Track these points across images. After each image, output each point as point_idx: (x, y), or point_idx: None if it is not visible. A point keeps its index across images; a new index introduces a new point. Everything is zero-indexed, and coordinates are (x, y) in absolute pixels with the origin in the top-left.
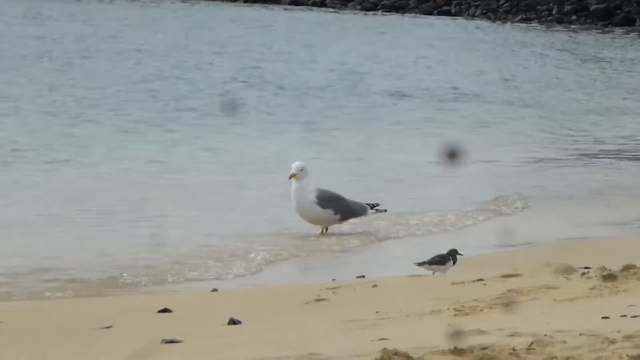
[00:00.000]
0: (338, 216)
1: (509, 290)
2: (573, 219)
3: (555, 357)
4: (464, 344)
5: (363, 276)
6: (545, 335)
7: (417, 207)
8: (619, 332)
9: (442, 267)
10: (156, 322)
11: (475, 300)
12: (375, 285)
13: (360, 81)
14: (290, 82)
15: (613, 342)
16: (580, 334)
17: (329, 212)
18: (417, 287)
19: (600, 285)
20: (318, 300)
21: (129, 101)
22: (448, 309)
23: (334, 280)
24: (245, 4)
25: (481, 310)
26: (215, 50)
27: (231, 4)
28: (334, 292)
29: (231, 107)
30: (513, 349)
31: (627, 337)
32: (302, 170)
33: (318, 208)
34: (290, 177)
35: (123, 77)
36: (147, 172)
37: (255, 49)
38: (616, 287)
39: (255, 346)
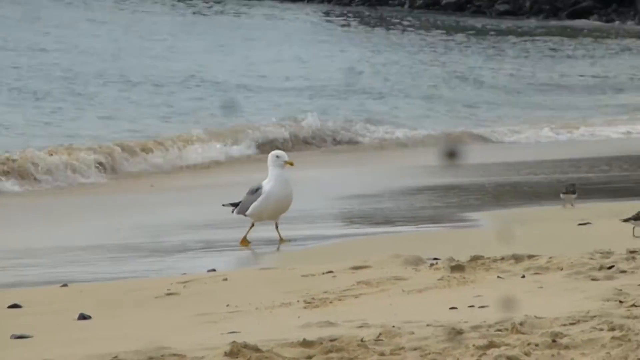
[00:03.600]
0: None
1: (359, 282)
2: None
3: (403, 348)
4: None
5: (214, 270)
6: (394, 326)
7: None
8: (466, 322)
9: None
10: (5, 317)
11: (325, 292)
12: (225, 279)
13: None
14: None
15: (460, 332)
16: (427, 325)
17: None
18: (267, 280)
19: (449, 276)
20: (169, 294)
21: None
22: (298, 301)
23: (184, 274)
24: None
25: (331, 302)
26: None
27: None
28: (184, 286)
29: (231, 107)
30: (361, 340)
31: (474, 328)
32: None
33: None
34: (289, 164)
35: None
36: None
37: None
38: (464, 277)
39: (105, 341)
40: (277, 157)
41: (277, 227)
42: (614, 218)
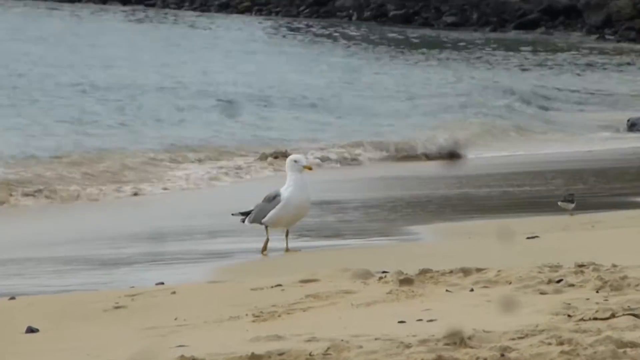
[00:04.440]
0: None
1: (308, 296)
2: None
3: None
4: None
5: (162, 283)
6: (342, 340)
7: None
8: (414, 336)
9: None
10: None
11: (274, 305)
12: (174, 292)
13: None
14: None
15: (408, 346)
16: (376, 339)
17: None
18: (216, 293)
19: (397, 290)
20: (117, 307)
21: None
22: (247, 315)
23: (132, 287)
24: None
25: (279, 316)
26: None
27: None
28: (132, 299)
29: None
30: (310, 354)
31: (423, 342)
32: None
33: None
34: (308, 169)
35: None
36: None
37: None
38: (412, 291)
39: (53, 354)
40: (296, 161)
41: (287, 235)
42: (563, 232)
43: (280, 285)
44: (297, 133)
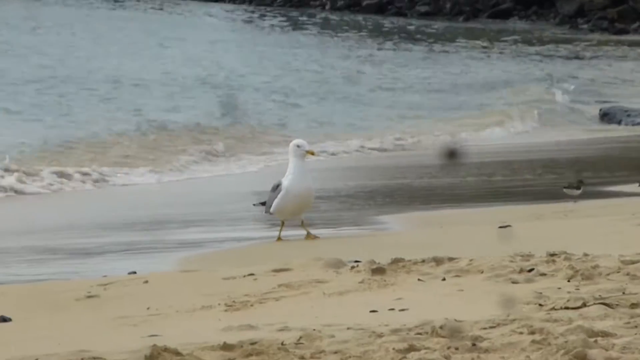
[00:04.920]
0: None
1: (280, 285)
2: None
3: (323, 351)
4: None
5: (135, 272)
6: (314, 329)
7: None
8: (386, 325)
9: None
10: None
11: (247, 295)
12: (146, 281)
13: None
14: None
15: (380, 335)
16: (348, 328)
17: None
18: (188, 282)
19: (369, 279)
20: (89, 297)
21: None
22: (219, 304)
23: (105, 276)
24: None
25: (252, 305)
26: None
27: None
28: (105, 289)
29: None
30: (282, 344)
31: (394, 331)
32: None
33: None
34: (311, 154)
35: None
36: None
37: None
38: (385, 280)
39: (26, 344)
40: (298, 146)
41: (302, 223)
42: (535, 221)
43: (252, 274)
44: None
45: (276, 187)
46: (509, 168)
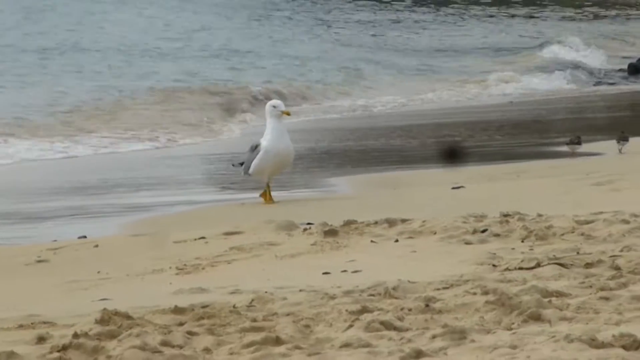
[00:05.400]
0: None
1: (231, 248)
2: None
3: (276, 313)
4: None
5: (85, 236)
6: (266, 292)
7: None
8: (339, 287)
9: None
10: None
11: (198, 258)
12: (96, 246)
13: None
14: None
15: (333, 297)
16: (300, 290)
17: None
18: (138, 246)
19: (322, 241)
20: (39, 261)
21: None
22: (170, 267)
23: (55, 241)
24: None
25: (203, 269)
26: None
27: None
28: (55, 253)
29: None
30: (234, 307)
31: (347, 293)
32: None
33: None
34: (286, 114)
35: None
36: None
37: None
38: (337, 242)
39: None
40: (274, 107)
41: (269, 182)
42: (488, 182)
43: (204, 237)
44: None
45: (255, 148)
46: (462, 129)
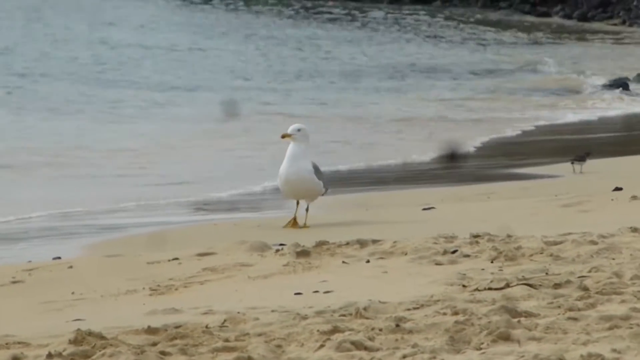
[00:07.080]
0: (324, 190)
1: (204, 269)
2: None
3: (248, 334)
4: (158, 323)
5: (59, 257)
6: (239, 312)
7: None
8: (310, 307)
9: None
10: None
11: (171, 279)
12: (71, 267)
13: None
14: None
15: (305, 317)
16: (272, 311)
17: (321, 185)
18: (113, 267)
19: (294, 262)
20: (14, 282)
21: None
22: (144, 288)
23: (29, 261)
24: None
25: (176, 289)
26: None
27: None
28: (29, 274)
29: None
30: (206, 327)
31: (319, 313)
32: (299, 131)
33: (315, 179)
34: (282, 137)
35: None
36: None
37: None
38: (309, 263)
39: None
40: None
41: (297, 206)
42: (458, 202)
43: (177, 258)
44: None
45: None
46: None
